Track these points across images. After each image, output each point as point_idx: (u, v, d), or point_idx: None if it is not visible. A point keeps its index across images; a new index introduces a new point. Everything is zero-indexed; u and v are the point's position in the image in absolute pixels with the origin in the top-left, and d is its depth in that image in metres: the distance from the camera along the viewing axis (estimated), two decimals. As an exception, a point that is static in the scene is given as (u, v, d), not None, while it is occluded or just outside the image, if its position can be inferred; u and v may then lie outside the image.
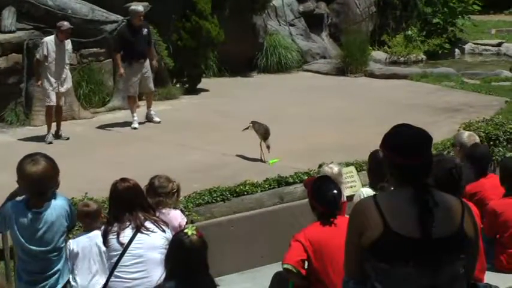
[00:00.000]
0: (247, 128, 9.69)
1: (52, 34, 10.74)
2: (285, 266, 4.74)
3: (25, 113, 11.72)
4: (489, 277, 5.32)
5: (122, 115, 12.14)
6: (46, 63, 10.45)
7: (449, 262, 3.13)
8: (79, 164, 9.65)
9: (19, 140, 10.86)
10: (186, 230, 4.09)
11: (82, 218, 5.55)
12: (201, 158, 9.75)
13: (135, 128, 11.44)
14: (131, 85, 11.55)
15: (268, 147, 9.32)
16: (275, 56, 15.55)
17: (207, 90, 13.91)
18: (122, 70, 11.46)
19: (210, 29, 13.43)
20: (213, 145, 10.30)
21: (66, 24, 10.62)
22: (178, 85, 13.70)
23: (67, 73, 10.73)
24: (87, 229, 5.55)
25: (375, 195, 3.28)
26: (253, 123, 9.67)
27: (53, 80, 10.52)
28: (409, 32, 18.27)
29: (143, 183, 5.78)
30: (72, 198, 7.08)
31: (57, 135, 10.81)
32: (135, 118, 11.54)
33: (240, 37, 14.61)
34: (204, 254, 4.06)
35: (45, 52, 10.42)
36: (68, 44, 10.68)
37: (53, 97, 10.57)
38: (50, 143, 10.54)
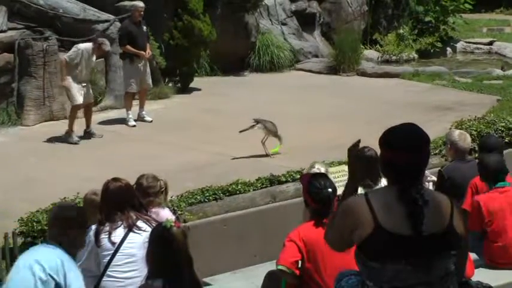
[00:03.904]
0: (248, 129, 9.66)
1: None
2: (280, 267, 4.74)
3: (17, 113, 11.68)
4: (481, 275, 5.34)
5: (114, 114, 12.12)
6: (76, 70, 10.48)
7: (440, 259, 3.15)
8: (71, 163, 9.64)
9: (11, 139, 10.83)
10: (164, 224, 4.07)
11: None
12: (193, 157, 9.75)
13: (134, 126, 11.45)
14: (133, 81, 11.58)
15: (279, 138, 9.68)
16: (267, 55, 15.53)
17: (199, 90, 13.90)
18: (144, 52, 11.51)
19: (202, 28, 13.42)
20: (205, 144, 10.30)
21: (108, 46, 10.79)
22: (170, 84, 13.68)
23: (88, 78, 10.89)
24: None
25: (366, 192, 3.29)
26: (262, 122, 9.70)
27: (82, 82, 10.59)
28: (401, 31, 18.27)
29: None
30: (64, 198, 7.09)
31: (89, 134, 10.85)
32: (131, 116, 11.56)
33: (232, 36, 14.60)
34: (186, 244, 4.03)
35: (78, 60, 10.45)
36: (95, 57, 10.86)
37: (81, 97, 10.60)
38: (77, 143, 10.55)
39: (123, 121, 11.61)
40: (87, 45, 10.66)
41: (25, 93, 11.68)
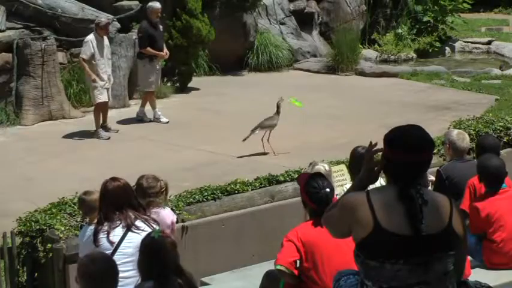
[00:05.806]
0: (249, 136, 9.69)
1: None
2: (278, 267, 4.75)
3: (15, 113, 11.69)
4: (479, 275, 5.34)
5: (112, 114, 12.10)
6: (94, 62, 10.57)
7: (438, 258, 3.16)
8: (70, 163, 9.64)
9: (9, 139, 10.83)
10: (152, 234, 4.09)
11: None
12: (192, 156, 9.75)
13: (167, 122, 11.54)
14: (153, 81, 11.69)
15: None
16: (266, 55, 15.53)
17: (197, 89, 13.90)
18: (163, 53, 11.65)
19: (201, 27, 13.42)
20: (204, 144, 10.30)
21: (104, 20, 10.90)
22: (169, 84, 13.68)
23: (110, 68, 10.95)
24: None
25: (367, 190, 3.29)
26: (258, 126, 9.73)
27: (103, 76, 10.68)
28: (400, 30, 18.26)
29: (134, 183, 5.77)
30: (63, 197, 7.09)
31: (105, 129, 10.93)
32: (159, 112, 11.66)
33: (231, 36, 14.60)
34: (174, 254, 4.05)
35: (92, 50, 10.55)
36: (106, 40, 10.88)
37: (105, 93, 10.74)
38: (108, 138, 10.70)
39: (121, 121, 11.62)
40: (91, 34, 10.78)
41: (23, 93, 11.68)
